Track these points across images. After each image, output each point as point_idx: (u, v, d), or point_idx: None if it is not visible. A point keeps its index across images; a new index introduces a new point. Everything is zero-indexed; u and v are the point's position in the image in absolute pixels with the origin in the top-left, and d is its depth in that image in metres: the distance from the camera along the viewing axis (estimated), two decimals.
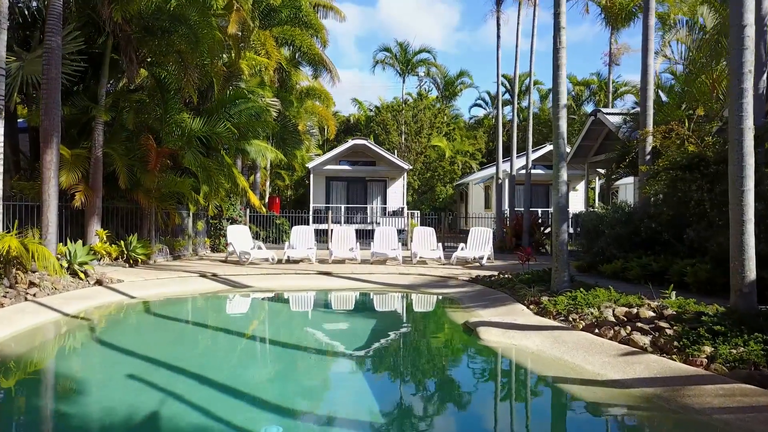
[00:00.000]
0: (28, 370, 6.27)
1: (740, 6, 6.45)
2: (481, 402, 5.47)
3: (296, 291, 12.58)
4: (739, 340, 5.43)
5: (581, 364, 5.92)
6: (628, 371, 5.47)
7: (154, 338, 7.82)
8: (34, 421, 4.75)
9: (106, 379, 5.81)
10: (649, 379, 5.23)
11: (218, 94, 17.49)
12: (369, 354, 7.25)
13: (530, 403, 5.45)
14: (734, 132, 6.26)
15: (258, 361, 6.90)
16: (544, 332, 7.11)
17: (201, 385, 5.56)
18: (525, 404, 5.45)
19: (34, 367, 6.39)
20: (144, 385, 5.49)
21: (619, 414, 4.97)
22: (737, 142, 6.21)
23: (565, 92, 9.41)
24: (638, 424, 4.80)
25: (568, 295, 8.33)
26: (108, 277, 11.38)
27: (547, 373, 5.97)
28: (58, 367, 6.56)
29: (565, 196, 9.48)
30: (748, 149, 6.15)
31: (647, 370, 5.40)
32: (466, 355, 7.09)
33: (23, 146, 15.89)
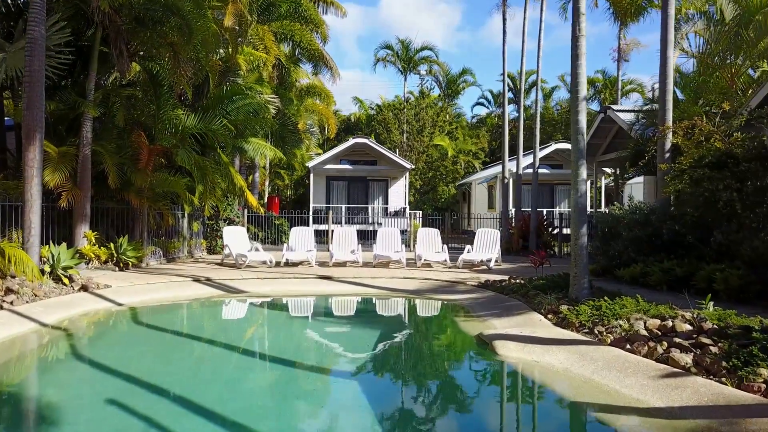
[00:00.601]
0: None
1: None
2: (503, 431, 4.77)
3: (294, 296, 11.88)
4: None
5: (616, 387, 5.22)
6: (674, 398, 4.77)
7: (140, 352, 7.12)
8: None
9: (82, 402, 5.12)
10: (699, 408, 4.53)
11: (214, 90, 16.79)
12: (374, 372, 6.56)
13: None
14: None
15: (252, 380, 6.20)
16: (568, 347, 6.41)
17: (189, 410, 4.87)
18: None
19: (2, 388, 5.70)
20: (125, 409, 4.80)
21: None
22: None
23: (585, 84, 8.71)
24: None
25: (590, 305, 7.63)
26: (94, 283, 10.69)
27: (578, 398, 5.27)
28: (29, 388, 5.88)
29: (585, 196, 8.79)
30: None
31: (696, 397, 4.70)
32: (484, 375, 6.39)
33: (10, 144, 15.22)
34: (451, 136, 40.05)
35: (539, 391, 5.57)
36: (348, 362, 6.94)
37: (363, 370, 6.52)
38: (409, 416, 5.00)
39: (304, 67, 30.40)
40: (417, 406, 5.27)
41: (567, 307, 8.03)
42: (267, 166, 34.17)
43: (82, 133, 12.94)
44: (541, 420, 5.01)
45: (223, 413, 4.77)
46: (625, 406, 4.86)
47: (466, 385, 6.13)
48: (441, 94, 44.80)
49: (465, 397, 5.62)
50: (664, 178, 11.36)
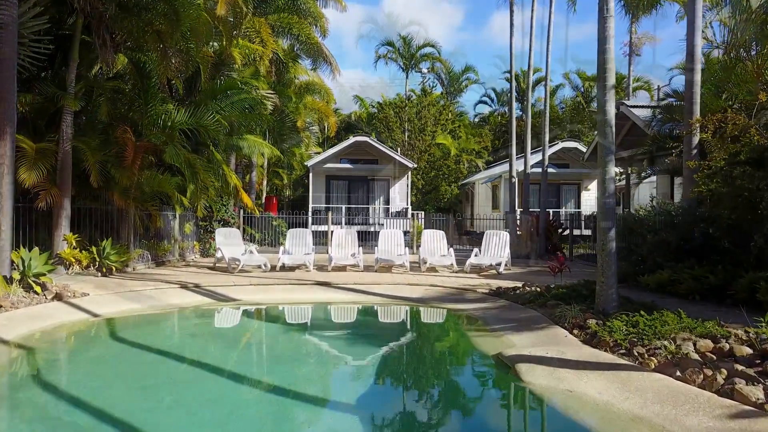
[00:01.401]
0: None
1: None
2: None
3: (289, 305, 10.95)
4: None
5: (674, 429, 4.28)
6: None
7: (111, 374, 6.18)
8: None
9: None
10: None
11: (206, 84, 15.84)
12: (379, 402, 5.64)
13: None
14: None
15: (238, 409, 5.28)
16: (606, 373, 5.47)
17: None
18: None
19: None
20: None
21: None
22: None
23: (614, 70, 7.79)
24: None
25: (624, 320, 6.70)
26: (70, 290, 9.77)
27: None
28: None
29: (613, 196, 7.86)
30: None
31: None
32: (508, 408, 5.38)
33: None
34: (453, 135, 39.09)
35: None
36: (348, 389, 6.00)
37: (366, 399, 5.59)
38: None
39: (303, 63, 29.50)
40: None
41: (595, 322, 7.09)
42: (265, 165, 33.22)
43: (62, 128, 12.02)
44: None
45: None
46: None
47: (489, 422, 5.17)
48: (443, 92, 43.85)
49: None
50: (693, 177, 10.44)
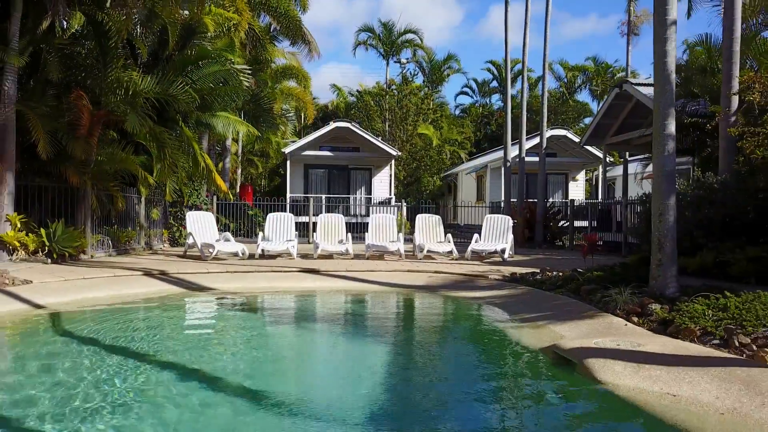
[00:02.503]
0: None
1: None
2: None
3: (273, 294, 9.38)
4: None
5: None
6: None
7: (53, 379, 4.57)
8: None
9: None
10: None
11: (175, 51, 14.14)
12: (408, 420, 4.17)
13: None
14: None
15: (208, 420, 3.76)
16: (711, 370, 4.10)
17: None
18: None
19: None
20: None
21: None
22: None
23: (676, 2, 6.42)
24: None
25: (705, 303, 5.36)
26: (9, 277, 8.10)
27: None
28: None
29: (673, 157, 6.51)
30: None
31: None
32: (593, 422, 3.90)
33: None
34: (435, 125, 37.75)
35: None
36: (377, 396, 4.47)
37: (398, 410, 4.12)
38: None
39: (280, 45, 27.89)
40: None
41: (659, 307, 5.75)
42: (239, 152, 31.47)
43: (2, 88, 10.27)
44: None
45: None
46: None
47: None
48: (425, 81, 42.47)
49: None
50: (735, 146, 9.21)
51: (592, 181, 34.51)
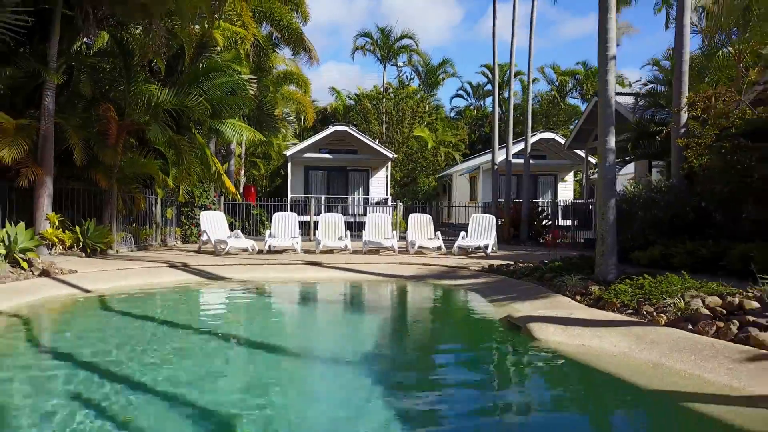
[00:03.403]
0: None
1: None
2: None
3: (284, 283, 10.80)
4: None
5: (696, 372, 4.36)
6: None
7: (109, 343, 5.96)
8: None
9: (41, 399, 4.01)
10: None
11: (189, 64, 15.54)
12: (397, 357, 5.60)
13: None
14: None
15: (241, 373, 5.17)
16: (619, 329, 5.53)
17: (168, 405, 3.83)
18: None
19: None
20: (92, 402, 3.74)
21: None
22: None
23: (614, 40, 7.87)
24: None
25: (629, 283, 6.80)
26: (57, 268, 9.47)
27: (655, 386, 4.35)
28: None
29: (613, 167, 7.96)
30: None
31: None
32: (529, 365, 5.34)
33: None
34: (431, 128, 39.19)
35: (604, 379, 4.61)
36: (370, 350, 5.90)
37: (390, 355, 5.54)
38: (444, 414, 4.04)
39: (281, 52, 29.21)
40: (452, 404, 4.29)
41: (598, 288, 7.18)
42: (243, 154, 32.86)
43: (43, 104, 11.64)
44: (627, 418, 4.07)
45: (208, 406, 3.76)
46: (718, 393, 3.98)
47: (509, 376, 5.15)
48: (420, 85, 43.89)
49: (517, 395, 4.63)
50: (682, 155, 10.64)
51: (582, 181, 35.97)
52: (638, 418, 4.05)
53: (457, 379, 4.99)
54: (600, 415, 4.10)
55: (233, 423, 3.60)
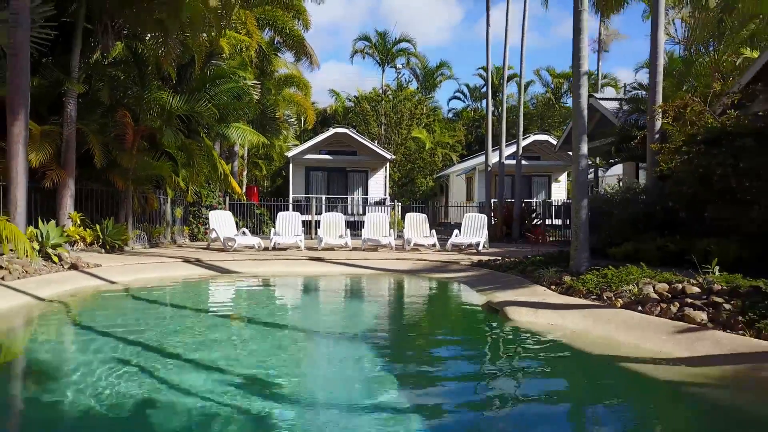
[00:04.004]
0: (4, 353, 5.40)
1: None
2: (539, 389, 4.70)
3: (291, 276, 11.75)
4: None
5: (636, 342, 5.31)
6: (696, 348, 4.87)
7: (143, 323, 6.89)
8: (27, 400, 3.91)
9: (91, 363, 4.94)
10: (723, 356, 4.63)
11: (198, 72, 16.47)
12: (393, 334, 6.54)
13: (608, 391, 4.63)
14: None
15: (253, 344, 6.10)
16: (581, 311, 6.48)
17: (199, 371, 4.76)
18: (600, 392, 4.64)
19: (9, 350, 5.50)
20: (136, 370, 4.67)
21: (710, 395, 4.33)
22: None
23: (587, 59, 8.81)
24: (732, 404, 4.14)
25: (595, 274, 7.74)
26: (84, 262, 10.41)
27: (603, 353, 5.31)
28: (35, 350, 5.66)
29: (586, 170, 8.90)
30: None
31: (717, 347, 4.80)
32: (503, 338, 6.28)
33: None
34: (428, 129, 40.17)
35: (563, 350, 5.54)
36: (369, 328, 6.86)
37: (385, 332, 6.49)
38: (431, 379, 4.98)
39: (282, 56, 30.11)
40: (442, 372, 5.22)
41: (570, 278, 8.12)
42: (245, 155, 33.76)
43: (66, 111, 12.58)
44: (579, 376, 5.00)
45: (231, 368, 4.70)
46: (650, 357, 4.94)
47: (486, 347, 6.10)
48: (418, 87, 44.84)
49: (488, 362, 5.55)
50: (655, 158, 11.58)
51: None
52: (585, 375, 5.00)
53: (440, 349, 5.97)
54: (555, 374, 5.03)
55: (260, 379, 4.54)
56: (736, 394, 4.23)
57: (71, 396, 4.01)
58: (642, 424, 3.90)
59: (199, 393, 4.08)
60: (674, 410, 4.13)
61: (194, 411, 3.77)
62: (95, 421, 3.58)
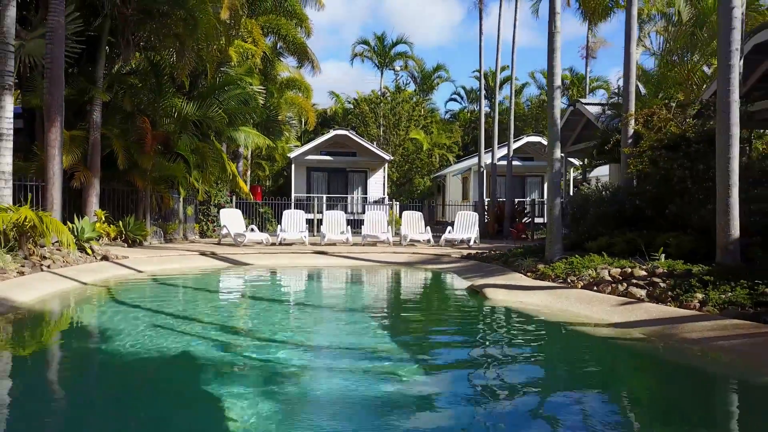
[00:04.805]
0: (62, 324, 6.62)
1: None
2: (506, 346, 5.89)
3: (299, 267, 12.99)
4: (727, 287, 6.10)
5: (586, 312, 6.54)
6: (630, 316, 6.10)
7: (175, 302, 8.12)
8: (89, 359, 5.11)
9: (138, 325, 6.14)
10: (649, 321, 5.86)
11: (211, 80, 17.69)
12: (394, 310, 7.77)
13: (556, 346, 5.89)
14: (722, 104, 6.95)
15: (273, 316, 7.32)
16: (546, 291, 7.72)
17: (226, 332, 5.98)
18: (552, 348, 5.85)
19: (66, 322, 6.72)
20: (173, 330, 5.88)
21: (633, 345, 5.58)
22: (724, 114, 6.90)
23: (560, 75, 10.03)
24: (657, 356, 5.35)
25: (564, 261, 8.97)
26: (113, 254, 11.62)
27: (559, 320, 6.56)
28: (89, 321, 6.87)
29: (559, 173, 10.12)
30: (734, 120, 6.84)
31: (647, 314, 6.03)
32: (482, 312, 7.53)
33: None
34: (426, 130, 41.39)
35: (528, 318, 6.80)
36: (370, 305, 8.09)
37: (384, 307, 7.72)
38: (426, 344, 6.21)
39: (285, 60, 31.29)
40: (430, 340, 6.44)
41: (543, 266, 9.34)
42: (249, 156, 34.99)
43: (92, 117, 13.79)
44: (538, 339, 6.21)
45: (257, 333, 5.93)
46: (595, 322, 6.18)
47: (467, 321, 7.33)
48: (416, 89, 46.06)
49: (468, 330, 6.78)
50: (627, 161, 12.80)
51: (571, 182, 38.16)
52: (540, 334, 6.26)
53: (428, 319, 7.20)
54: (517, 334, 6.26)
55: (281, 342, 5.76)
56: (649, 345, 5.49)
57: (130, 345, 5.24)
58: (578, 365, 5.14)
59: (230, 346, 5.31)
60: (603, 355, 5.40)
61: (229, 359, 5.00)
62: (151, 357, 4.81)
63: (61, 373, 4.82)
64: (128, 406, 3.86)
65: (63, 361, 5.24)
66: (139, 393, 4.15)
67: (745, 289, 5.94)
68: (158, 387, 4.31)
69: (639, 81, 19.93)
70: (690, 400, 4.16)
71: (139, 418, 3.61)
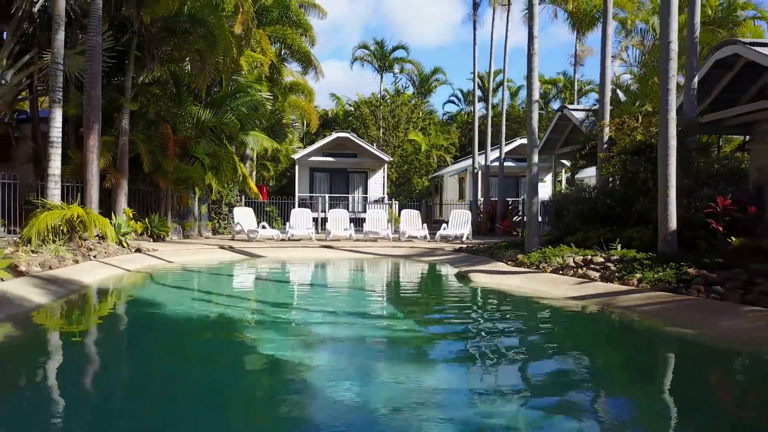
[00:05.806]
0: (129, 297, 8.15)
1: (666, 28, 8.66)
2: (483, 314, 7.44)
3: (309, 259, 14.51)
4: (660, 269, 7.63)
5: (549, 290, 8.06)
6: (582, 292, 7.62)
7: (210, 284, 9.64)
8: (162, 323, 6.62)
9: (187, 301, 7.64)
10: (596, 294, 7.39)
11: (226, 89, 19.22)
12: (397, 289, 9.30)
13: (519, 312, 7.43)
14: (662, 121, 8.47)
15: (297, 296, 8.83)
16: (521, 275, 9.24)
17: (248, 301, 7.50)
18: (515, 313, 7.39)
19: (132, 296, 8.25)
20: (211, 304, 7.40)
21: (578, 311, 7.11)
22: (663, 129, 8.41)
23: (538, 89, 11.53)
24: (592, 317, 6.89)
25: (539, 252, 10.49)
26: (145, 247, 13.13)
27: (528, 295, 8.09)
28: (149, 295, 8.36)
29: (536, 176, 11.65)
30: (671, 133, 8.36)
31: (595, 290, 7.56)
32: (465, 290, 9.08)
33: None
34: (424, 132, 42.91)
35: (502, 295, 8.34)
36: (374, 286, 9.62)
37: (385, 288, 9.24)
38: (414, 309, 7.73)
39: (289, 65, 32.78)
40: (422, 313, 7.96)
41: (522, 256, 10.87)
42: (255, 158, 36.47)
43: (120, 125, 15.31)
44: (506, 307, 7.74)
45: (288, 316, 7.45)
46: (555, 297, 7.71)
47: (454, 298, 8.87)
48: (415, 92, 47.58)
49: (453, 302, 8.31)
50: (602, 164, 14.33)
51: (563, 182, 39.68)
52: (511, 305, 7.79)
53: (423, 296, 8.72)
54: (493, 306, 7.78)
55: (307, 309, 7.28)
56: (592, 310, 7.01)
57: (184, 310, 6.75)
58: (537, 325, 6.67)
59: (251, 315, 6.83)
60: (556, 318, 6.95)
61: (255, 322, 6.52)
62: (201, 318, 6.34)
63: (145, 325, 6.34)
64: (191, 346, 5.39)
65: (143, 318, 6.74)
66: (199, 339, 5.70)
67: (672, 270, 7.47)
68: (214, 336, 5.83)
69: (620, 89, 21.51)
70: (614, 343, 5.72)
71: (200, 348, 5.15)
